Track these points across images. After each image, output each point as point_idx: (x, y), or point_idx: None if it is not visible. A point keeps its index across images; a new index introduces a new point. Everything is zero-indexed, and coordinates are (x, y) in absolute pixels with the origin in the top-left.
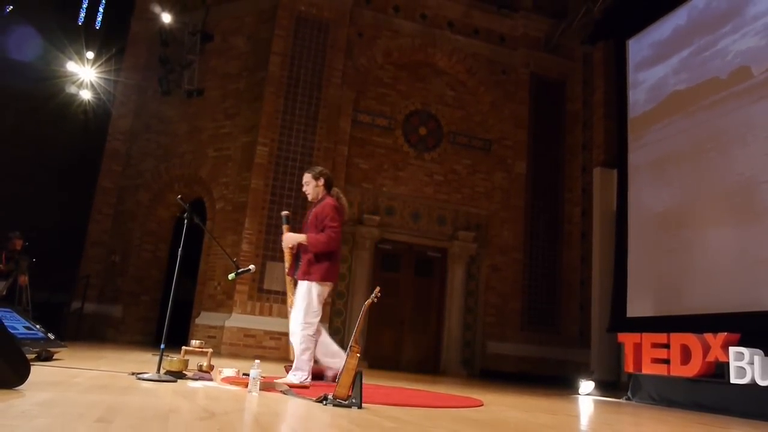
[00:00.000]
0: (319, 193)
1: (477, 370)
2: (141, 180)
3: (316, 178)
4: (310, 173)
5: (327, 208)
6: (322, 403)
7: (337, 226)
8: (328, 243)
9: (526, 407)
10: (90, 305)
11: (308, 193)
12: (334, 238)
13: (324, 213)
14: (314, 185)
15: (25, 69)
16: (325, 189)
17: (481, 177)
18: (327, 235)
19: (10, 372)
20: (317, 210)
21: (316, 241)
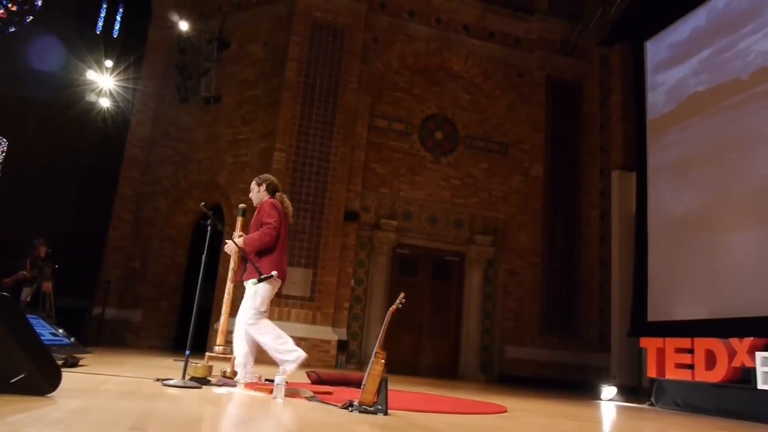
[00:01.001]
0: (261, 198)
1: (495, 375)
2: (159, 186)
3: (258, 184)
4: (255, 180)
5: (264, 206)
6: (347, 409)
7: (273, 222)
8: (261, 239)
9: (551, 413)
10: (110, 310)
11: (252, 199)
12: (267, 233)
13: (262, 211)
14: (257, 191)
15: (46, 78)
16: (268, 194)
17: (498, 181)
18: (261, 232)
19: (43, 379)
20: (257, 210)
21: (250, 240)
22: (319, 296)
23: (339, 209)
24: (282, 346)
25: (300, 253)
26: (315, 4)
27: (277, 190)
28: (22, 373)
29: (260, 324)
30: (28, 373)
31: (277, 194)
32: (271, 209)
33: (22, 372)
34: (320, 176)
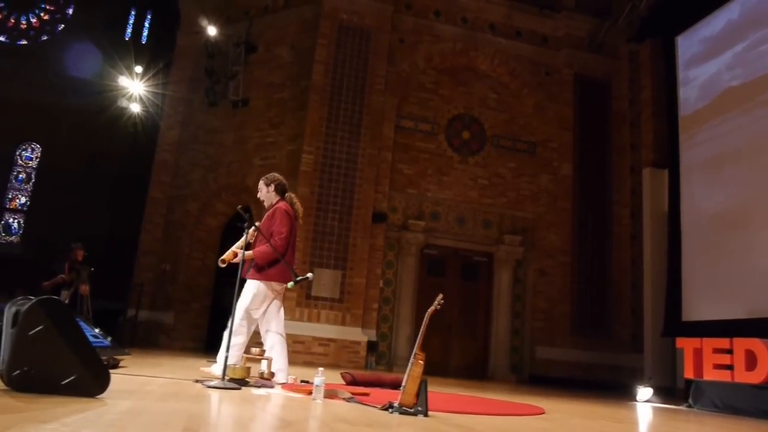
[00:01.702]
0: (271, 198)
1: (526, 376)
2: (189, 190)
3: (267, 185)
4: (263, 180)
5: (278, 212)
6: (387, 410)
7: (285, 231)
8: (273, 252)
9: (589, 415)
10: (143, 312)
11: (262, 199)
12: (279, 245)
13: (274, 218)
14: (266, 191)
15: (77, 85)
16: (278, 194)
17: (526, 180)
18: (273, 243)
19: (92, 381)
20: (269, 214)
21: (261, 254)
22: (349, 297)
23: (367, 210)
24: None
25: (329, 254)
26: (341, 6)
27: (286, 190)
28: (72, 375)
29: (243, 325)
30: (79, 375)
31: (287, 195)
32: (284, 217)
33: (72, 374)
34: (348, 178)
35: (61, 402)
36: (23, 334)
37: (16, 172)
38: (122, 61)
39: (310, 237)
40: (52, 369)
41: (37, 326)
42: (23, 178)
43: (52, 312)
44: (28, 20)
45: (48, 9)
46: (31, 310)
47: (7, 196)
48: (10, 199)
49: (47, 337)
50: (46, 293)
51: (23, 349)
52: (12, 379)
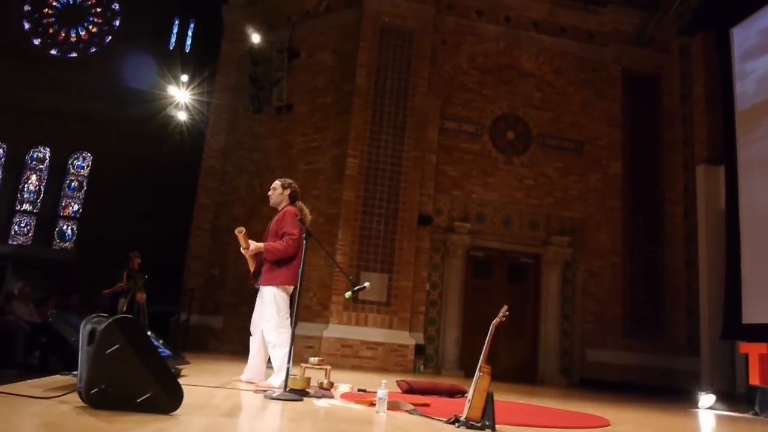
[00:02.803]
0: (282, 201)
1: (576, 379)
2: (236, 195)
3: (283, 187)
4: (280, 181)
5: (288, 215)
6: (454, 425)
7: (296, 233)
8: (285, 251)
9: (656, 426)
10: (193, 317)
11: (271, 197)
12: (291, 245)
13: (285, 220)
14: (279, 192)
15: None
16: (290, 199)
17: (573, 179)
18: (285, 242)
19: (167, 398)
20: (278, 216)
21: (272, 249)
22: (395, 301)
23: (412, 213)
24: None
25: (375, 258)
26: (383, 9)
27: (297, 199)
28: (148, 392)
29: (283, 335)
30: (154, 393)
31: (297, 203)
32: (294, 220)
33: (148, 392)
34: (393, 181)
35: (140, 421)
36: (100, 353)
37: (68, 180)
38: (168, 70)
39: (356, 241)
40: (128, 387)
41: (114, 345)
42: (75, 186)
43: (127, 331)
44: (77, 33)
45: (96, 21)
46: (107, 329)
47: (60, 204)
48: (64, 206)
49: (123, 356)
50: (105, 301)
51: (100, 368)
52: (90, 396)
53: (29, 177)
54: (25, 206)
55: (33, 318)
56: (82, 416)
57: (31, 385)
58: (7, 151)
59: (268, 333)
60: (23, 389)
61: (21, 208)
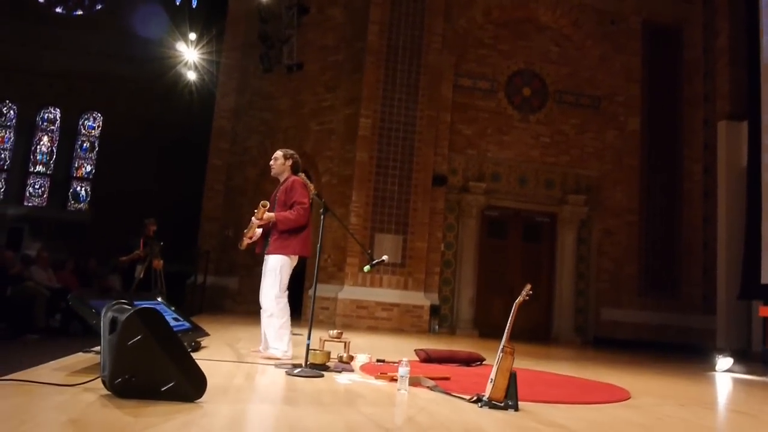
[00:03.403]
0: (282, 172)
1: (591, 338)
2: (248, 156)
3: (285, 158)
4: (282, 152)
5: (296, 184)
6: (476, 404)
7: (306, 202)
8: (296, 220)
9: (679, 398)
10: (209, 278)
11: (273, 167)
12: (302, 215)
13: (293, 189)
14: (281, 163)
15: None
16: (291, 170)
17: (590, 137)
18: (296, 212)
19: (190, 387)
20: (286, 186)
21: (285, 219)
22: (410, 262)
23: (427, 174)
24: (280, 340)
25: (389, 219)
26: None
27: (299, 170)
28: (171, 381)
29: (281, 305)
30: (177, 382)
31: (300, 174)
32: (303, 189)
33: (171, 381)
34: (407, 141)
35: (165, 412)
36: (123, 344)
37: (80, 141)
38: (176, 27)
39: (370, 202)
40: (152, 376)
41: (136, 336)
42: (87, 147)
43: (149, 322)
44: None
45: None
46: (129, 321)
47: (73, 165)
48: (77, 167)
49: (146, 346)
50: (123, 268)
51: (124, 358)
52: (114, 386)
53: (41, 138)
54: (38, 168)
55: (52, 283)
56: (107, 409)
57: (54, 369)
58: (17, 113)
59: (267, 300)
60: (47, 374)
61: (34, 169)
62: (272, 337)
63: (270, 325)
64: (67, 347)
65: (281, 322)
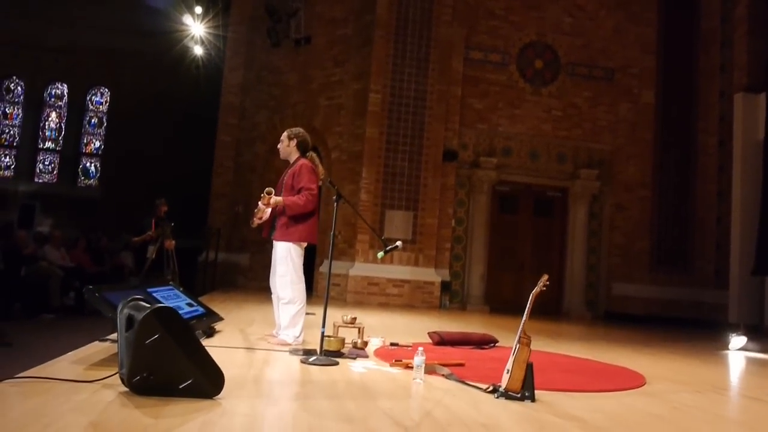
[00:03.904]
0: (290, 153)
1: (601, 312)
2: (256, 132)
3: (289, 138)
4: (287, 132)
5: (304, 169)
6: (493, 394)
7: (315, 188)
8: (305, 206)
9: (694, 383)
10: (220, 254)
11: (281, 150)
12: (311, 201)
13: (301, 174)
14: (287, 144)
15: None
16: (299, 150)
17: (603, 110)
18: (304, 197)
19: (208, 383)
20: (294, 170)
21: (293, 204)
22: (421, 238)
23: (437, 149)
24: (294, 326)
25: (400, 195)
26: None
27: (308, 149)
28: (189, 379)
29: (297, 292)
30: (195, 379)
31: (308, 154)
32: (312, 174)
33: (189, 378)
34: (417, 116)
35: (184, 412)
36: (140, 343)
37: (88, 117)
38: (182, 1)
39: (380, 179)
40: (170, 374)
41: (153, 335)
42: (95, 122)
43: (165, 321)
44: None
45: None
46: (146, 320)
47: (82, 141)
48: (86, 143)
49: (163, 345)
50: (135, 248)
51: (141, 357)
52: (133, 384)
53: (49, 114)
54: (47, 144)
55: (65, 262)
56: (126, 409)
57: (72, 361)
58: (24, 89)
59: (282, 289)
60: (65, 369)
61: (44, 146)
62: (286, 323)
63: (286, 311)
64: (82, 327)
65: (297, 309)
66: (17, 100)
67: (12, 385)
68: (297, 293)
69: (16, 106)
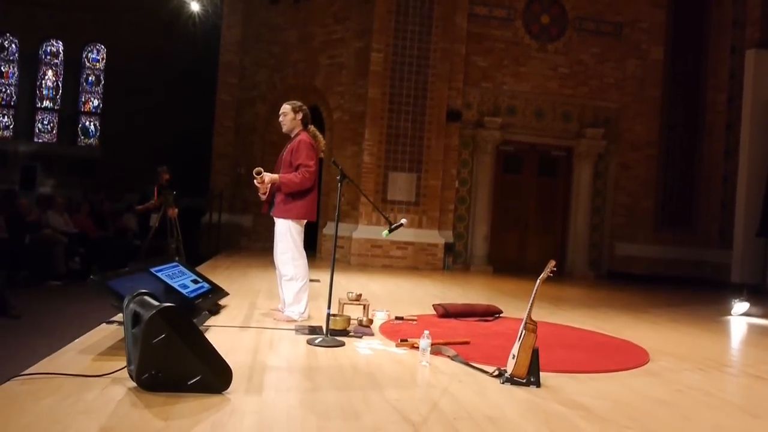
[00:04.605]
0: (294, 127)
1: (604, 272)
2: (257, 92)
3: (295, 111)
4: (289, 105)
5: (302, 145)
6: (498, 378)
7: (312, 165)
8: (301, 183)
9: (698, 359)
10: (223, 216)
11: (284, 124)
12: (308, 178)
13: (299, 151)
14: (291, 118)
15: None
16: (302, 124)
17: (611, 66)
18: (301, 174)
19: (216, 379)
20: (292, 146)
21: (289, 182)
22: (424, 200)
23: (441, 109)
24: (298, 303)
25: (403, 157)
26: None
27: (310, 122)
28: (197, 375)
29: (299, 268)
30: (203, 376)
31: (310, 127)
32: (310, 151)
33: (197, 375)
34: (420, 75)
35: (193, 411)
36: (147, 342)
37: (85, 74)
38: None
39: (383, 140)
40: (178, 371)
41: (160, 335)
42: (93, 80)
43: (171, 320)
44: None
45: None
46: (152, 321)
47: (80, 100)
48: (84, 102)
49: (170, 344)
50: (138, 216)
51: (149, 356)
52: (142, 381)
53: (45, 72)
54: (45, 103)
55: (69, 228)
56: (137, 410)
57: (80, 351)
58: (19, 46)
59: (284, 266)
60: (74, 360)
61: (41, 105)
62: (290, 300)
63: (289, 288)
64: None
65: (300, 285)
66: (12, 58)
67: (22, 383)
68: (299, 270)
69: (11, 64)
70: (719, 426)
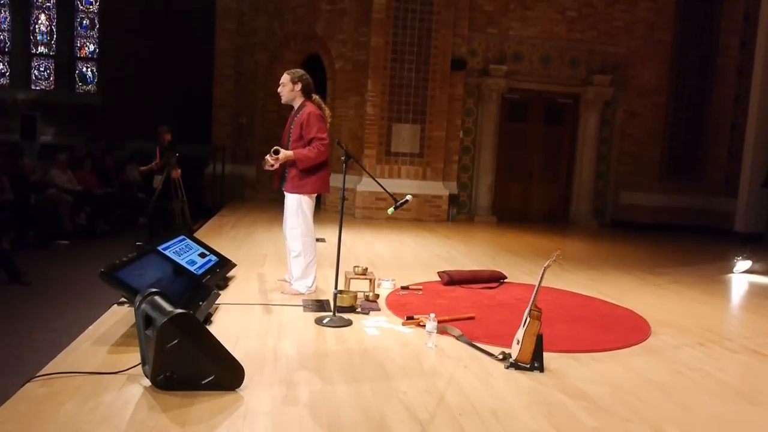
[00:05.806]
0: (294, 98)
1: (608, 221)
2: (256, 39)
3: (294, 82)
4: (289, 75)
5: (312, 117)
6: (502, 362)
7: (326, 137)
8: (317, 157)
9: (698, 332)
10: (226, 166)
11: (282, 95)
12: (323, 152)
13: (310, 125)
14: (290, 89)
15: None
16: (303, 95)
17: (620, 9)
18: (316, 149)
19: (229, 377)
20: (301, 119)
21: (304, 158)
22: (429, 152)
23: (445, 58)
24: (310, 273)
25: (407, 108)
26: None
27: (312, 92)
28: (211, 375)
29: (307, 244)
30: (216, 375)
31: (314, 97)
32: (321, 122)
33: (211, 375)
34: (423, 23)
35: (209, 414)
36: (161, 347)
37: (79, 18)
38: None
39: (386, 91)
40: (192, 372)
41: (173, 341)
42: (87, 24)
43: (183, 327)
44: None
45: None
46: (164, 328)
47: (76, 45)
48: (80, 47)
49: (182, 348)
50: (142, 177)
51: (163, 359)
52: (157, 381)
53: (38, 17)
54: (40, 49)
55: (73, 186)
56: (154, 414)
57: (94, 341)
58: None
59: (293, 241)
60: (88, 352)
61: (37, 51)
62: (298, 274)
63: (297, 264)
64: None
65: (308, 261)
66: (2, 2)
67: (41, 384)
68: (307, 246)
69: (2, 8)
70: (718, 416)
